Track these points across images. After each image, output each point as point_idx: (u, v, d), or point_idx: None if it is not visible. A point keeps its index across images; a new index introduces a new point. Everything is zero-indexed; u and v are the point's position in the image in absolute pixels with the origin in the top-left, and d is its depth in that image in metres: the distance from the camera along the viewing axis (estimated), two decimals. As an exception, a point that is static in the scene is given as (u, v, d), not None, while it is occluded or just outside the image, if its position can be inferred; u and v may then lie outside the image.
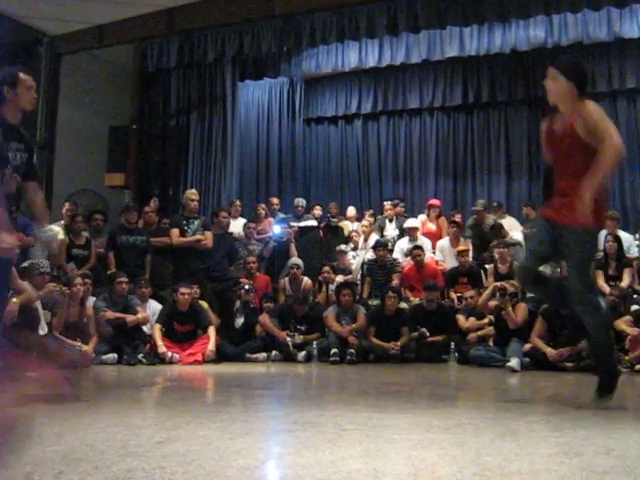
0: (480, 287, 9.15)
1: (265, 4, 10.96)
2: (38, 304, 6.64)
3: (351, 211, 12.07)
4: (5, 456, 2.80)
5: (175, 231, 9.59)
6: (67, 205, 10.06)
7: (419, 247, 9.85)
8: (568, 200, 4.28)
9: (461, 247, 9.79)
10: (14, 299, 5.71)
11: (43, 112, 12.44)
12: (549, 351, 7.50)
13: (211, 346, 8.09)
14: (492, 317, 8.41)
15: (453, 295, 9.46)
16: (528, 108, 13.48)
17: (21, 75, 4.56)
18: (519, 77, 13.22)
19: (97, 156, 12.45)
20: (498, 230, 10.11)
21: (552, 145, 4.58)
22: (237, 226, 10.78)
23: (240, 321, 8.90)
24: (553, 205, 4.50)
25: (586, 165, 4.19)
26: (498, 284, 8.37)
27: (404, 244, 10.41)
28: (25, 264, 7.20)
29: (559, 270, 8.28)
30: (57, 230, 9.30)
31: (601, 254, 8.96)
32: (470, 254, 9.82)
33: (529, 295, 9.02)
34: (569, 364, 7.44)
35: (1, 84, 4.50)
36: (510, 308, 8.04)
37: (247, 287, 9.03)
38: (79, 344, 7.49)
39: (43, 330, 6.90)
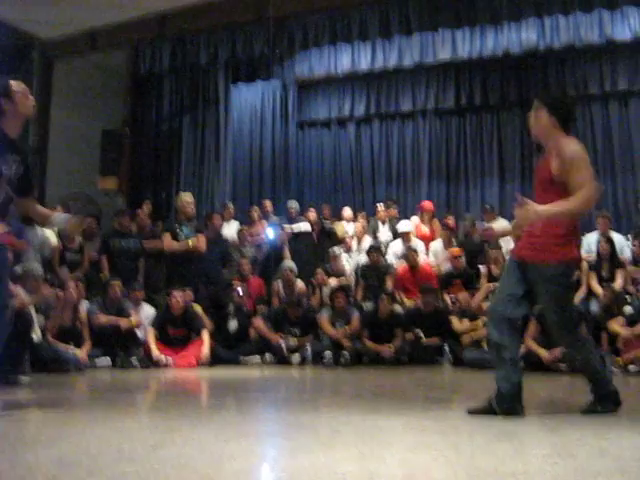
0: (474, 289, 9.16)
1: (257, 7, 10.98)
2: (31, 308, 6.61)
3: (347, 211, 12.06)
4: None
5: (168, 236, 9.57)
6: (60, 209, 10.03)
7: (412, 249, 9.86)
8: (538, 240, 4.23)
9: (455, 250, 9.80)
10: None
11: (36, 116, 12.40)
12: (543, 353, 7.52)
13: (205, 350, 8.08)
14: (486, 319, 8.41)
15: (447, 298, 9.47)
16: (521, 111, 13.46)
17: (12, 83, 4.53)
18: (511, 80, 13.23)
19: (90, 160, 12.42)
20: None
21: (535, 180, 4.53)
22: (230, 229, 10.77)
23: (233, 324, 8.90)
24: (522, 244, 4.45)
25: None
26: (491, 285, 8.39)
27: (397, 247, 10.42)
28: (19, 269, 7.19)
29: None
30: (49, 234, 9.29)
31: (594, 256, 9.00)
32: (463, 259, 9.84)
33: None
34: (563, 365, 7.45)
35: None
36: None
37: (240, 290, 9.03)
38: (72, 348, 7.47)
39: (37, 334, 6.87)
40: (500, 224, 10.65)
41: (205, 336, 8.23)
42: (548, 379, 7.06)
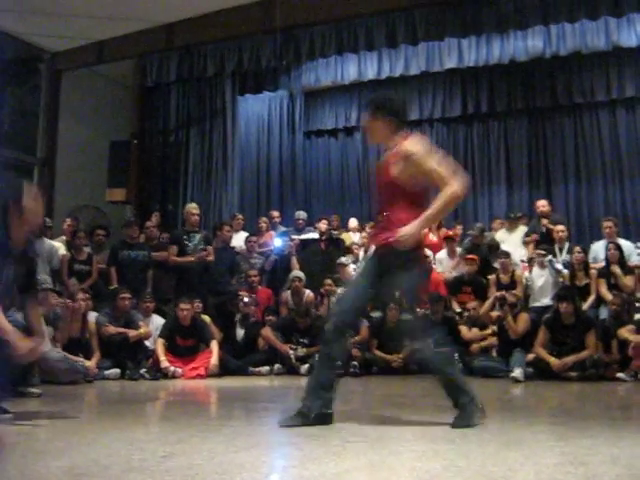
0: (483, 298, 9.13)
1: (264, 18, 11.03)
2: (41, 320, 6.62)
3: (353, 222, 12.07)
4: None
5: (173, 249, 9.59)
6: (68, 221, 10.07)
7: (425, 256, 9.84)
8: (386, 233, 4.15)
9: (471, 255, 9.77)
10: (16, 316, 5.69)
11: (44, 128, 12.50)
12: (553, 361, 7.49)
13: (214, 360, 8.07)
14: (495, 327, 8.40)
15: (455, 305, 9.45)
16: (528, 118, 13.50)
17: (26, 199, 4.30)
18: (518, 87, 13.24)
19: (98, 171, 12.47)
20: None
21: (376, 177, 4.40)
22: (239, 240, 10.77)
23: (240, 333, 8.90)
24: (372, 234, 4.45)
25: (403, 205, 4.10)
26: (498, 294, 8.37)
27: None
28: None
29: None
30: (59, 246, 9.32)
31: (603, 262, 8.97)
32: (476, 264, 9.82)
33: (531, 305, 9.03)
34: (573, 374, 7.42)
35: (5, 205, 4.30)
36: (510, 318, 8.03)
37: (246, 300, 9.03)
38: (82, 359, 7.47)
39: (46, 346, 6.88)
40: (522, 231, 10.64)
41: (214, 346, 8.23)
42: (558, 387, 7.04)
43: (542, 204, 10.61)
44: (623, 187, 12.45)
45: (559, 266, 9.04)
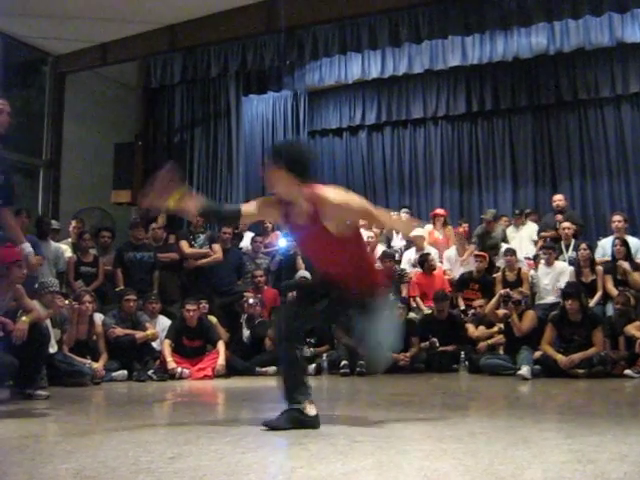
0: (490, 295, 9.12)
1: (267, 18, 11.03)
2: (48, 322, 6.63)
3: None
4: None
5: (184, 242, 9.64)
6: (74, 223, 10.08)
7: (426, 254, 9.84)
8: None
9: (479, 252, 9.77)
10: (24, 317, 5.71)
11: (49, 130, 12.52)
12: (560, 358, 7.48)
13: (221, 361, 8.08)
14: (502, 325, 8.40)
15: (461, 302, 9.45)
16: (532, 115, 13.49)
17: None
18: (522, 84, 13.23)
19: (103, 173, 12.49)
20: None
21: (299, 236, 4.28)
22: (244, 240, 10.79)
23: (247, 334, 8.91)
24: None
25: (347, 250, 4.02)
26: (503, 291, 8.36)
27: (412, 254, 10.39)
28: (36, 284, 7.23)
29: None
30: (65, 248, 9.34)
31: (609, 258, 8.96)
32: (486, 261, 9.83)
33: (538, 302, 9.02)
34: (580, 371, 7.41)
35: None
36: (515, 315, 8.01)
37: (251, 301, 9.03)
38: (89, 361, 7.49)
39: (53, 348, 6.90)
40: (530, 228, 10.65)
41: (221, 347, 8.24)
42: (565, 384, 7.02)
43: (558, 198, 10.61)
44: (629, 183, 12.44)
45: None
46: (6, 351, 5.59)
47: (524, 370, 7.34)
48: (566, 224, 9.73)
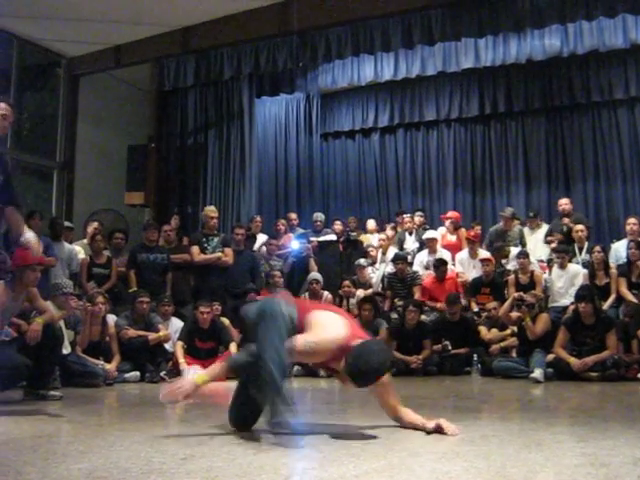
0: (502, 298, 9.09)
1: (280, 20, 11.04)
2: (61, 323, 6.66)
3: (371, 224, 12.07)
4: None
5: (195, 249, 9.66)
6: (95, 224, 10.13)
7: (444, 261, 9.81)
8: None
9: (485, 256, 9.76)
10: (38, 319, 5.74)
11: (63, 133, 12.59)
12: (573, 361, 7.44)
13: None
14: (514, 328, 8.37)
15: (474, 306, 9.43)
16: (546, 117, 13.45)
17: None
18: (536, 86, 13.20)
19: (116, 175, 12.54)
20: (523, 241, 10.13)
21: None
22: (257, 242, 10.81)
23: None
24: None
25: None
26: (516, 295, 8.32)
27: (424, 257, 10.37)
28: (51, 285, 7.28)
29: None
30: (78, 249, 9.38)
31: (624, 260, 8.92)
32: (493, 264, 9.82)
33: (551, 305, 8.98)
34: (593, 374, 7.37)
35: None
36: (528, 319, 7.97)
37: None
38: (102, 362, 7.52)
39: (66, 349, 6.93)
40: (543, 231, 10.61)
41: (233, 349, 8.23)
42: (578, 387, 6.99)
43: (564, 202, 10.58)
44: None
45: None
46: (20, 352, 5.62)
47: (537, 373, 7.31)
48: (579, 227, 9.69)
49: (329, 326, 3.82)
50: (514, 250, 10.07)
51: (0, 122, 4.70)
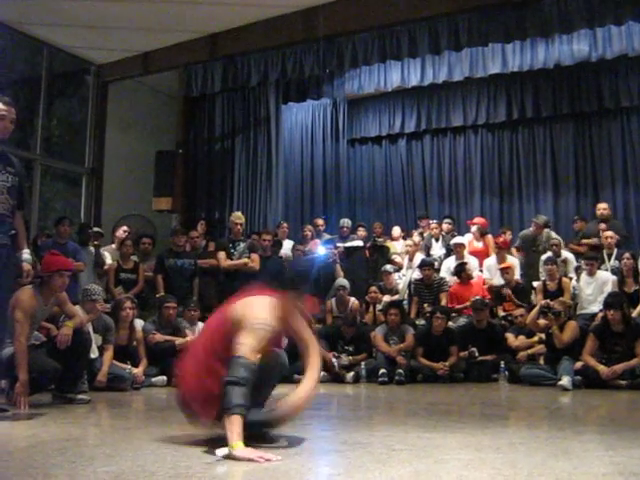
0: (529, 304, 9.03)
1: (306, 27, 11.07)
2: (89, 328, 6.72)
3: (396, 231, 12.04)
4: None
5: (222, 254, 9.70)
6: (125, 227, 10.24)
7: (463, 265, 9.79)
8: None
9: (505, 264, 9.71)
10: (68, 323, 5.80)
11: (91, 139, 12.72)
12: (602, 369, 7.36)
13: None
14: (542, 335, 8.30)
15: (501, 313, 9.37)
16: (574, 123, 13.34)
17: None
18: (564, 92, 13.10)
19: (144, 181, 12.63)
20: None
21: None
22: (285, 248, 10.84)
23: (285, 341, 8.90)
24: None
25: None
26: (543, 302, 8.25)
27: (451, 263, 10.33)
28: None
29: None
30: (107, 255, 9.47)
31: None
32: (517, 271, 9.75)
33: (580, 312, 8.91)
34: (622, 382, 7.29)
35: None
36: (556, 327, 7.90)
37: None
38: (129, 367, 7.56)
39: (94, 353, 6.98)
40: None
41: (259, 353, 8.24)
42: (607, 396, 6.92)
43: (603, 207, 10.50)
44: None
45: None
46: (49, 356, 5.68)
47: (565, 381, 7.25)
48: (609, 233, 9.62)
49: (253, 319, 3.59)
50: (542, 256, 9.99)
51: None
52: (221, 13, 11.07)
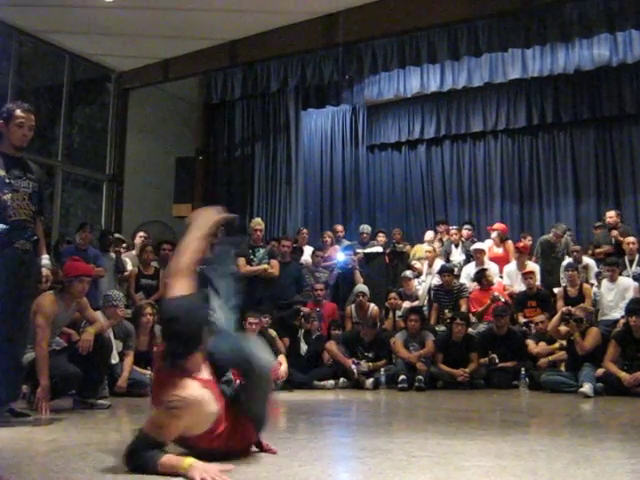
0: (550, 311, 8.97)
1: (326, 33, 11.08)
2: (110, 333, 6.75)
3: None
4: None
5: (242, 260, 9.71)
6: (141, 234, 10.28)
7: (483, 271, 9.75)
8: None
9: (527, 269, 9.67)
10: (89, 329, 5.83)
11: (112, 145, 12.80)
12: (623, 376, 7.30)
13: (284, 367, 8.09)
14: (564, 342, 8.24)
15: (521, 319, 9.32)
16: (594, 128, 13.27)
17: (16, 112, 4.74)
18: (584, 97, 13.04)
19: (164, 187, 12.70)
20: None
21: None
22: (305, 254, 10.84)
23: (304, 348, 8.92)
24: None
25: None
26: (564, 309, 8.19)
27: (471, 269, 10.28)
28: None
29: None
30: (127, 261, 9.51)
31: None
32: (537, 276, 9.69)
33: (601, 318, 8.84)
34: (645, 389, 7.23)
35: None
36: (578, 334, 7.83)
37: (306, 315, 9.03)
38: (149, 372, 7.58)
39: (115, 359, 7.01)
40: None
41: (282, 359, 8.24)
42: (629, 403, 6.85)
43: (611, 215, 10.44)
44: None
45: None
46: (70, 361, 5.71)
47: (586, 387, 7.19)
48: (630, 239, 9.55)
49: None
50: (563, 262, 9.95)
51: (17, 131, 4.78)
52: (241, 20, 11.11)
